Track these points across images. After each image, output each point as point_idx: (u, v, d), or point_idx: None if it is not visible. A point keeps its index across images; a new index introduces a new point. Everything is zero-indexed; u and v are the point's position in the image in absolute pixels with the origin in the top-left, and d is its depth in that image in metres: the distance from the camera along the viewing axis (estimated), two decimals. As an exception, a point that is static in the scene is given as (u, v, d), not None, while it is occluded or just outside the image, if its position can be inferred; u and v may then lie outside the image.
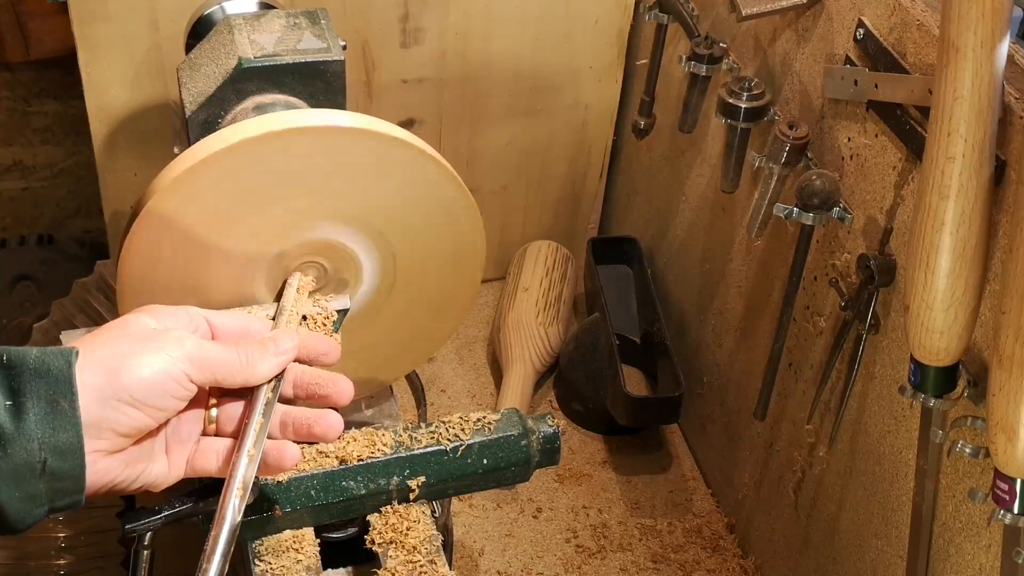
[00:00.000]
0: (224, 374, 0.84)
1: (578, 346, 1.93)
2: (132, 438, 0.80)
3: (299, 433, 0.89)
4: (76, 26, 1.61)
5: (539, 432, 1.07)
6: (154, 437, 0.84)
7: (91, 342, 0.80)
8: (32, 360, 0.75)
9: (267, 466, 0.87)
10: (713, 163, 1.75)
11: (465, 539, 1.75)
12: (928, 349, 1.11)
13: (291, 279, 1.07)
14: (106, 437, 0.78)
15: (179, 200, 1.01)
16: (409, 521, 1.02)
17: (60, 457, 0.75)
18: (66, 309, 1.84)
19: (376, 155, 1.05)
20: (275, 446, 0.87)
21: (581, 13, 1.88)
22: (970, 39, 1.01)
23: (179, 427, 0.87)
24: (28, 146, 2.17)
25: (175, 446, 0.86)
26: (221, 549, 0.81)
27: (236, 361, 0.85)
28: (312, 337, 0.95)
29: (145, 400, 0.79)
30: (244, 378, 0.86)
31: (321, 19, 1.22)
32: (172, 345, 0.81)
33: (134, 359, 0.79)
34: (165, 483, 0.86)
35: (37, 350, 0.76)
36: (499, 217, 2.10)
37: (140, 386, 0.78)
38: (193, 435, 0.88)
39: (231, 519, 0.82)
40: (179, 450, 0.87)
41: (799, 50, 1.48)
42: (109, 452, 0.79)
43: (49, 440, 0.75)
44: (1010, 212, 1.07)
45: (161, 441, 0.85)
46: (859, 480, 1.43)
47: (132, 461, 0.82)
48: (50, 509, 0.77)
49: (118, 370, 0.78)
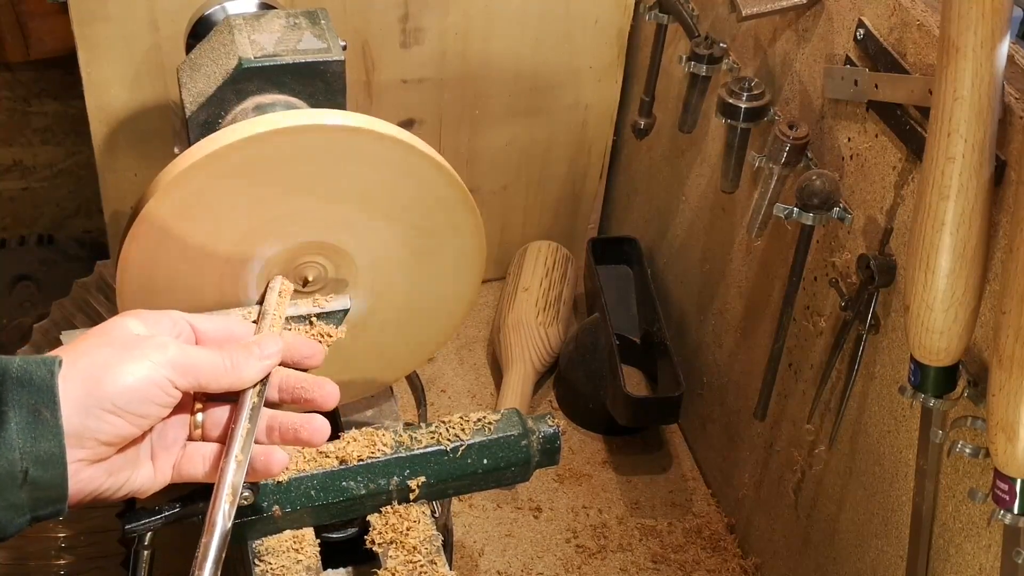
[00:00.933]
0: (209, 379, 0.84)
1: (578, 346, 1.93)
2: (115, 446, 0.80)
3: (285, 438, 0.89)
4: (76, 26, 1.61)
5: (539, 432, 1.07)
6: (139, 444, 0.83)
7: (74, 351, 0.79)
8: (15, 369, 0.75)
9: (255, 471, 0.87)
10: (713, 163, 1.75)
11: (465, 539, 1.75)
12: (928, 349, 1.11)
13: (273, 282, 1.06)
14: (89, 446, 0.77)
15: (179, 200, 1.01)
16: (409, 521, 1.02)
17: (42, 467, 0.74)
18: (66, 309, 1.84)
19: (375, 155, 1.05)
20: (263, 451, 0.87)
21: (581, 13, 1.88)
22: (970, 39, 1.01)
23: (165, 432, 0.86)
24: (28, 146, 2.17)
25: (161, 452, 0.86)
26: (213, 555, 0.80)
27: (221, 365, 0.84)
28: (296, 340, 0.94)
29: (128, 408, 0.78)
30: (229, 382, 0.85)
31: (321, 19, 1.22)
32: (155, 351, 0.80)
33: (117, 367, 0.78)
34: (151, 489, 0.85)
35: (20, 359, 0.76)
36: (499, 217, 2.10)
37: (123, 394, 0.78)
38: (179, 440, 0.87)
39: (221, 525, 0.81)
40: (165, 456, 0.86)
41: (799, 50, 1.48)
42: (92, 461, 0.79)
43: (31, 450, 0.74)
44: (1010, 212, 1.07)
45: (146, 447, 0.85)
46: (859, 480, 1.43)
47: (116, 469, 0.81)
48: (33, 518, 0.77)
49: (101, 379, 0.77)
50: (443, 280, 1.17)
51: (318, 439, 0.89)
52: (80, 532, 1.66)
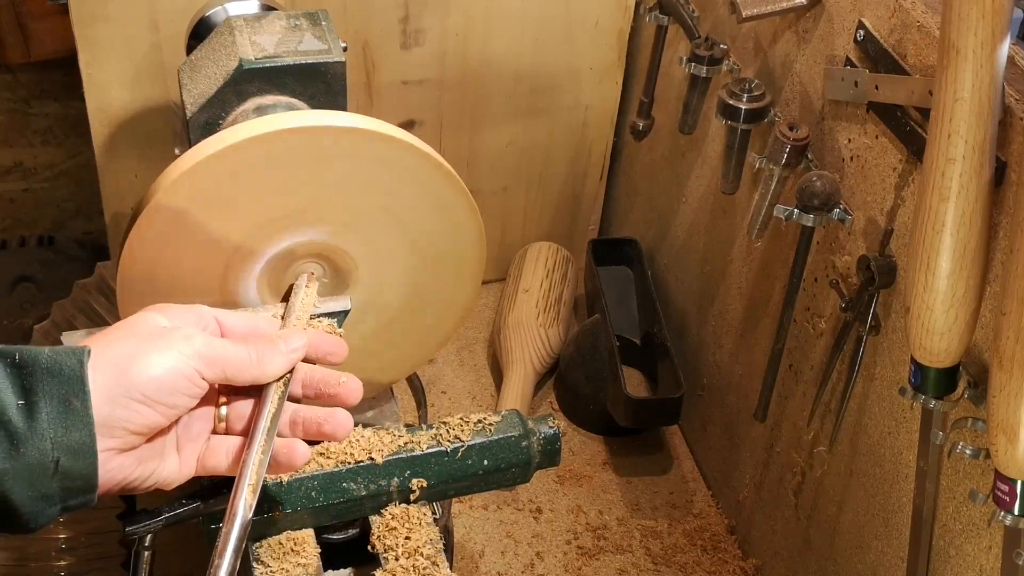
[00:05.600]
0: (234, 371, 0.84)
1: (578, 347, 1.93)
2: (144, 436, 0.80)
3: (308, 432, 0.89)
4: (77, 27, 1.61)
5: (539, 433, 1.07)
6: (166, 435, 0.84)
7: (101, 341, 0.80)
8: (44, 359, 0.75)
9: (277, 464, 0.87)
10: (713, 164, 1.75)
11: (465, 540, 1.75)
12: (929, 350, 1.11)
13: (299, 280, 1.07)
14: (118, 435, 0.78)
15: (179, 202, 1.01)
16: (410, 523, 1.02)
17: (73, 456, 0.75)
18: (66, 310, 1.84)
19: (376, 157, 1.05)
20: (285, 444, 0.87)
21: (581, 14, 1.88)
22: (970, 40, 1.01)
23: (190, 425, 0.87)
24: (29, 147, 2.17)
25: (186, 444, 0.86)
26: (233, 545, 0.80)
27: (247, 358, 0.85)
28: (320, 336, 0.95)
29: (156, 397, 0.79)
30: (254, 375, 0.86)
31: (322, 20, 1.22)
32: (182, 342, 0.81)
33: (144, 357, 0.78)
34: (177, 481, 0.86)
35: (49, 349, 0.76)
36: (499, 218, 2.10)
37: (151, 384, 0.78)
38: (204, 433, 0.88)
39: (242, 515, 0.82)
40: (190, 448, 0.86)
41: (799, 51, 1.48)
42: (121, 450, 0.79)
43: (62, 439, 0.74)
44: (1010, 213, 1.07)
45: (172, 439, 0.85)
46: (859, 481, 1.43)
47: (145, 459, 0.82)
48: (63, 508, 0.77)
49: (129, 368, 0.78)
50: (443, 281, 1.18)
51: (342, 433, 0.89)
52: (81, 533, 1.66)
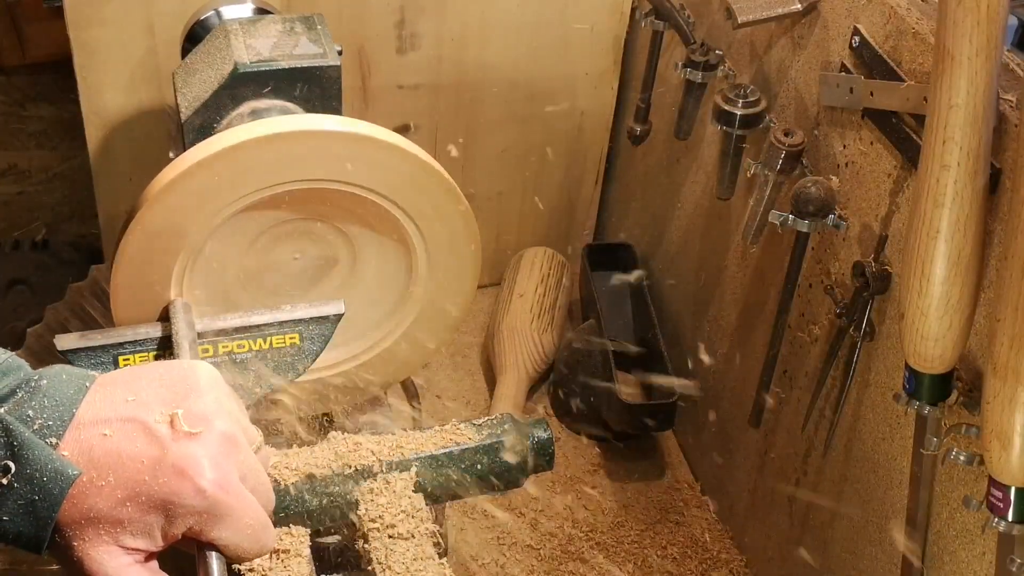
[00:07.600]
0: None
1: (573, 352, 1.93)
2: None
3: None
4: (72, 30, 1.60)
5: (533, 438, 1.07)
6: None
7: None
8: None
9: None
10: (709, 170, 1.75)
11: (459, 544, 1.75)
12: (923, 356, 1.11)
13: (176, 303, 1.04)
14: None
15: (173, 205, 1.01)
16: (395, 493, 1.01)
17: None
18: (60, 313, 1.83)
19: (371, 161, 1.05)
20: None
21: (577, 20, 1.88)
22: (965, 47, 1.01)
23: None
24: (23, 150, 2.17)
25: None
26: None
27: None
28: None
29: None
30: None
31: (317, 24, 1.22)
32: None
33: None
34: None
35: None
36: (494, 223, 2.10)
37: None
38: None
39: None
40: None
41: (795, 57, 1.48)
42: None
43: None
44: (1005, 220, 1.07)
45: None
46: (853, 487, 1.43)
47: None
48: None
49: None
50: (438, 285, 1.17)
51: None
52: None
